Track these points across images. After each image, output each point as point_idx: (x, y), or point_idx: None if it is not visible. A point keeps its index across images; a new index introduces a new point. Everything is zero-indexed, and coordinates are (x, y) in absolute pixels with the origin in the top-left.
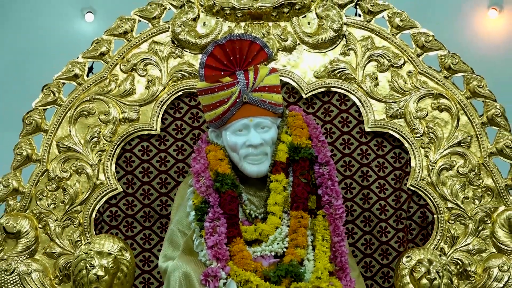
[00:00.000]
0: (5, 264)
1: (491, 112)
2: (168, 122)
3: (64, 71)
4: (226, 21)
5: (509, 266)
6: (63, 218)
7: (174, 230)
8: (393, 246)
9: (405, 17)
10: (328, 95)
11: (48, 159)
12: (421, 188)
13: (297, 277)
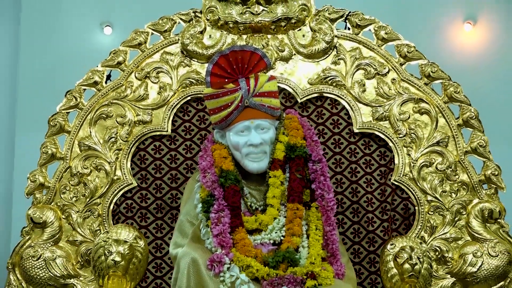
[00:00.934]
0: (32, 251)
1: (466, 115)
2: (178, 124)
3: (85, 79)
4: (230, 34)
5: (482, 252)
6: (84, 210)
7: (183, 221)
8: (379, 234)
9: (389, 30)
10: (321, 100)
11: (70, 157)
12: (404, 183)
13: (293, 263)
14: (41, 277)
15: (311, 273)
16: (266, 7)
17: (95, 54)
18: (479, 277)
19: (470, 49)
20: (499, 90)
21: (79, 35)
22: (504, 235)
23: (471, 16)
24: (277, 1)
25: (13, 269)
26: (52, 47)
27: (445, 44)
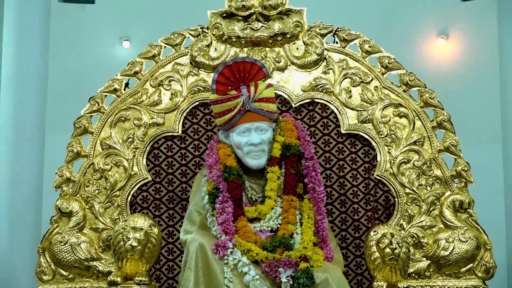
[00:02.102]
0: (60, 237)
1: (439, 118)
2: (187, 126)
3: (106, 86)
4: (233, 47)
5: (453, 238)
6: (105, 201)
7: (192, 210)
8: (363, 223)
9: (373, 44)
10: (312, 105)
11: (93, 155)
12: (385, 178)
13: (288, 247)
14: (67, 260)
15: (304, 256)
16: (264, 24)
17: (115, 64)
18: (450, 260)
19: (443, 61)
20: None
21: (101, 48)
22: (472, 223)
23: (444, 32)
24: (274, 19)
25: (43, 253)
26: (77, 58)
27: (421, 56)
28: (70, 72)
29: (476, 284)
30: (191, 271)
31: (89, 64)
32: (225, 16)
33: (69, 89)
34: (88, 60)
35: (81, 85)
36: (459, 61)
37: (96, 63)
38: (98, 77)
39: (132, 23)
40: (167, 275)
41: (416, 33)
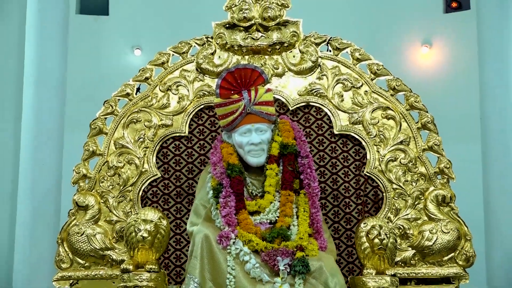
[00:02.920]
0: (77, 228)
1: (424, 120)
2: (193, 127)
3: (119, 91)
4: (235, 55)
5: (436, 230)
6: (119, 196)
7: (197, 204)
8: (354, 215)
9: (363, 52)
10: (308, 108)
11: (108, 154)
12: (374, 174)
13: (285, 238)
14: (84, 249)
15: (300, 246)
16: (264, 34)
17: (127, 71)
18: (434, 249)
19: (427, 67)
20: (451, 99)
21: (114, 56)
22: (454, 216)
23: (428, 41)
24: (272, 29)
25: (62, 243)
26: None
27: (407, 63)
28: (86, 77)
29: (457, 271)
30: (197, 259)
31: (103, 71)
32: (228, 27)
33: (85, 93)
34: (103, 67)
35: (96, 90)
36: (441, 68)
37: (110, 69)
38: (112, 82)
39: (143, 33)
40: (175, 263)
41: (402, 42)
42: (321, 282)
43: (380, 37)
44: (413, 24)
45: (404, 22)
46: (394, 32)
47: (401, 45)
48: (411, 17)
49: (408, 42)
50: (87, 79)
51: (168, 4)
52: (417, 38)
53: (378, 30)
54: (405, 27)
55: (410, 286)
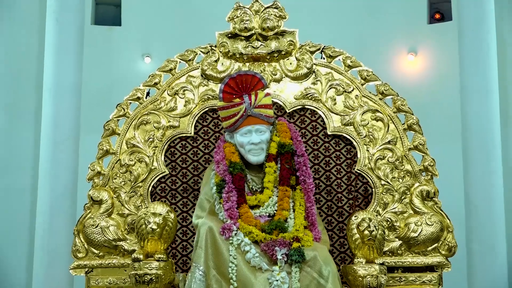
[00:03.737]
0: (92, 221)
1: (409, 121)
2: (198, 128)
3: (130, 95)
4: (237, 62)
5: (421, 222)
6: (130, 191)
7: (202, 199)
8: (346, 209)
9: (354, 60)
10: (303, 111)
11: (120, 152)
12: (364, 171)
13: (283, 230)
14: (98, 240)
15: (296, 237)
16: (263, 43)
17: (138, 77)
18: (419, 240)
19: (412, 73)
20: (434, 103)
21: (126, 63)
22: (437, 209)
23: (413, 50)
24: (271, 38)
25: (78, 234)
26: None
27: (394, 69)
28: (100, 83)
29: (440, 260)
30: (201, 249)
31: (116, 77)
32: (230, 36)
33: (99, 98)
34: (115, 73)
35: (109, 94)
36: (426, 74)
37: (122, 75)
38: (124, 87)
39: (152, 42)
40: (182, 253)
41: (390, 51)
42: (316, 271)
43: (369, 46)
44: (400, 34)
45: (391, 32)
46: (383, 41)
47: (389, 53)
48: (398, 28)
49: (395, 50)
50: (101, 84)
51: (176, 15)
52: (404, 46)
53: (368, 39)
54: (392, 37)
55: (397, 273)
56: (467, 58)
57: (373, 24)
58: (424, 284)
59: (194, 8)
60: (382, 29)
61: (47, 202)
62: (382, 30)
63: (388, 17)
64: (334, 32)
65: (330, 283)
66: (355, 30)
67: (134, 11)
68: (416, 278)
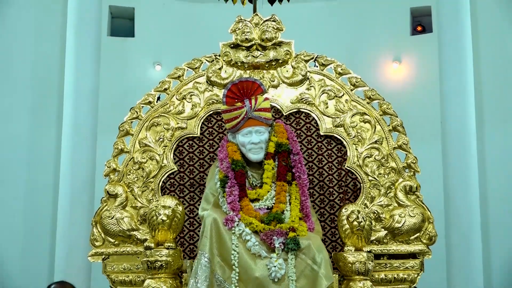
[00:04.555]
0: (108, 213)
1: (394, 123)
2: (204, 129)
3: (142, 99)
4: (238, 69)
5: (405, 214)
6: (142, 186)
7: (207, 193)
8: (337, 202)
9: (344, 67)
10: (298, 113)
11: (133, 151)
12: (353, 168)
13: (280, 221)
14: (114, 230)
15: (292, 227)
16: (262, 52)
17: (149, 83)
18: (402, 230)
19: (397, 80)
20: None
21: (139, 71)
22: (419, 202)
23: (397, 59)
24: (269, 48)
25: (95, 225)
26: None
27: (380, 76)
28: (115, 88)
29: (422, 248)
30: (207, 238)
31: (129, 83)
32: (233, 47)
33: (114, 102)
34: (129, 79)
35: (124, 98)
36: (409, 81)
37: (135, 82)
38: (137, 92)
39: (162, 52)
40: (189, 242)
41: (376, 59)
42: (310, 258)
43: (358, 55)
44: (385, 45)
45: (378, 43)
46: (370, 51)
47: (376, 62)
48: (384, 39)
49: (381, 59)
50: (116, 90)
51: (183, 28)
52: (389, 56)
53: (357, 49)
54: (379, 47)
55: (383, 260)
56: (446, 66)
57: (362, 36)
58: (407, 270)
59: (200, 21)
60: (369, 40)
61: (67, 196)
62: (370, 41)
63: (375, 29)
64: (326, 43)
65: (323, 268)
66: (345, 41)
67: (146, 24)
68: (400, 264)
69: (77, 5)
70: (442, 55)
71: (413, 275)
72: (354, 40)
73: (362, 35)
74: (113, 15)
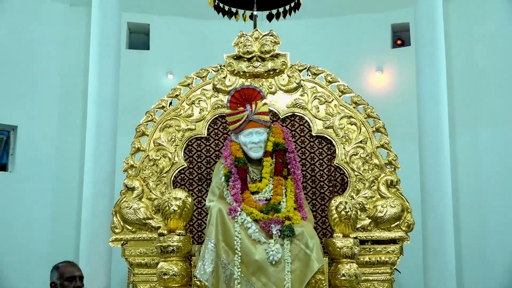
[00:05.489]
0: (126, 204)
1: (377, 125)
2: (210, 131)
3: (156, 104)
4: (240, 78)
5: (386, 205)
6: (156, 180)
7: (213, 186)
8: (327, 194)
9: (333, 76)
10: (293, 117)
11: (148, 149)
12: (341, 165)
13: (277, 211)
14: (131, 219)
15: (287, 217)
16: (261, 63)
17: (162, 90)
18: (384, 219)
19: (379, 87)
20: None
21: (153, 79)
22: (399, 194)
23: (380, 68)
24: (268, 59)
25: (115, 214)
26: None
27: (365, 84)
28: (133, 94)
29: (401, 235)
30: (213, 226)
31: (145, 90)
32: (235, 58)
33: (132, 106)
34: (145, 87)
35: (140, 103)
36: (390, 88)
37: (150, 89)
38: (151, 98)
39: (174, 63)
40: (197, 229)
41: (362, 69)
42: (303, 243)
43: (346, 65)
44: (369, 56)
45: (363, 54)
46: (356, 62)
47: (361, 71)
48: (368, 51)
49: (366, 69)
50: (133, 96)
51: (192, 41)
52: (372, 66)
53: (345, 60)
54: (364, 58)
55: (367, 245)
56: (422, 75)
57: (348, 48)
58: (388, 254)
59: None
60: (355, 52)
61: (91, 189)
62: (356, 53)
63: (360, 43)
64: (317, 55)
65: (315, 252)
66: (334, 53)
67: (160, 38)
68: (382, 249)
69: (99, 22)
70: (418, 65)
71: (393, 258)
72: (342, 52)
73: (349, 48)
74: (130, 30)
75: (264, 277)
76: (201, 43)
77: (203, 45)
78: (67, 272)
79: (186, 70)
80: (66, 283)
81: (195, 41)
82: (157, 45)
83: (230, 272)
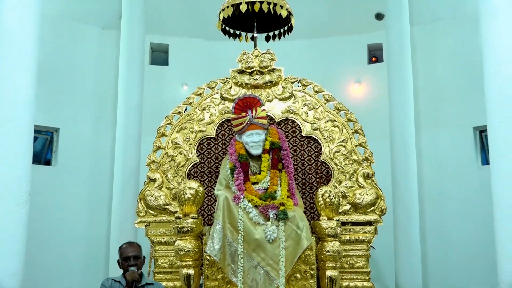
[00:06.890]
0: (149, 192)
1: (356, 128)
2: (218, 132)
3: (174, 110)
4: (243, 89)
5: (364, 193)
6: (174, 173)
7: (221, 178)
8: (314, 184)
9: (320, 87)
10: (287, 121)
11: (167, 147)
12: (326, 160)
13: (273, 198)
14: (153, 205)
15: (282, 203)
16: (260, 76)
17: (179, 98)
18: (362, 205)
19: (358, 96)
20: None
21: (171, 89)
22: (374, 185)
23: (358, 81)
24: (265, 73)
25: (140, 201)
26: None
27: (346, 94)
28: (154, 102)
29: (376, 218)
30: (220, 211)
31: (165, 98)
32: (239, 72)
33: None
34: (164, 96)
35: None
36: (367, 97)
37: (169, 97)
38: (170, 105)
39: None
40: (207, 213)
41: (343, 81)
42: (295, 224)
43: (330, 78)
44: (349, 70)
45: (344, 69)
46: (339, 75)
47: (343, 83)
48: (348, 66)
49: (346, 81)
50: (155, 103)
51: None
52: (352, 78)
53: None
54: (345, 72)
55: (348, 226)
56: (393, 86)
57: (332, 64)
58: (365, 233)
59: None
60: (338, 67)
61: (120, 180)
62: (338, 68)
63: (342, 60)
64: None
65: (304, 232)
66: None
67: (177, 56)
68: (360, 229)
69: (127, 42)
70: (390, 78)
71: (369, 237)
72: (327, 67)
73: (333, 64)
74: (153, 49)
75: (262, 252)
76: (211, 60)
77: (213, 61)
78: (124, 253)
79: (198, 82)
80: (123, 262)
81: (206, 58)
82: (175, 62)
83: (234, 249)
